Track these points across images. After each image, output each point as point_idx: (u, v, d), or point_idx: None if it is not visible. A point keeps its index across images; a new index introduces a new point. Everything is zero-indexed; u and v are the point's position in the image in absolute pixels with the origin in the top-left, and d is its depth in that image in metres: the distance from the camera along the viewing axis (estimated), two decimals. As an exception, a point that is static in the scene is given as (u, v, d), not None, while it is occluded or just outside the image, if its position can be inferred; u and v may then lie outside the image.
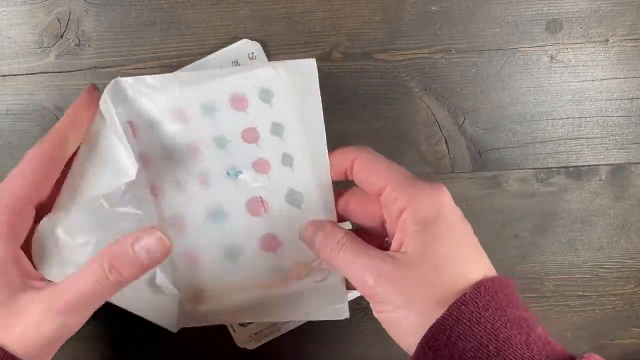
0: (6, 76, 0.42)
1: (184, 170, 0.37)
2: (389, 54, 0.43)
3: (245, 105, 0.37)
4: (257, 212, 0.38)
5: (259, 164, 0.37)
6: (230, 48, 0.42)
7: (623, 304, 0.49)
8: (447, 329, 0.28)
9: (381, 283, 0.31)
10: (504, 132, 0.45)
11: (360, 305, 0.47)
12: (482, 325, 0.28)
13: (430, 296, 0.30)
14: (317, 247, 0.35)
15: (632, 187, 0.47)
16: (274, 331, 0.46)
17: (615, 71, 0.45)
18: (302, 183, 0.37)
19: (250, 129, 0.37)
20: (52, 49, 0.42)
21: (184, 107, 0.36)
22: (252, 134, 0.37)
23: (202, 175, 0.37)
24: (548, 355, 0.28)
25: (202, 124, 0.36)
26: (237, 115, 0.37)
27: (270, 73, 0.36)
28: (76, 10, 0.41)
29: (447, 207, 0.32)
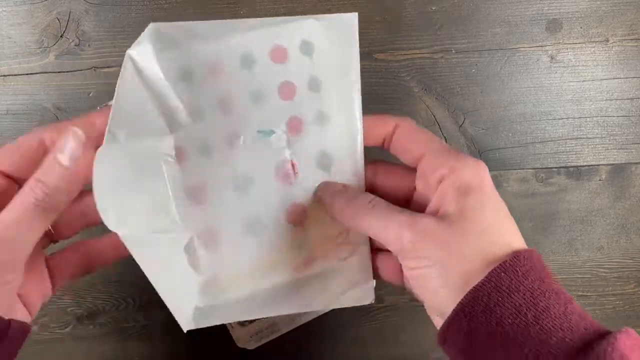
0: (6, 76, 0.42)
1: (211, 130, 0.34)
2: (389, 54, 0.43)
3: (285, 58, 0.35)
4: (286, 179, 0.35)
5: (293, 123, 0.35)
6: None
7: (623, 304, 0.49)
8: (486, 296, 0.28)
9: (421, 237, 0.30)
10: (504, 132, 0.45)
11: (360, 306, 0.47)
12: (522, 293, 0.28)
13: (471, 257, 0.29)
14: (340, 206, 0.34)
15: (632, 187, 0.47)
16: (274, 331, 0.46)
17: (615, 71, 0.45)
18: (335, 145, 0.36)
19: (288, 83, 0.35)
20: (52, 49, 0.42)
21: (221, 59, 0.34)
22: (289, 89, 0.35)
23: (231, 136, 0.35)
24: (586, 327, 0.28)
25: (239, 76, 0.34)
26: (276, 68, 0.35)
27: (312, 25, 0.35)
28: (76, 10, 0.41)
29: (487, 180, 0.32)
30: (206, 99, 0.34)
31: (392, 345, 0.48)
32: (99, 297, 0.46)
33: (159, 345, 0.47)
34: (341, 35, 0.35)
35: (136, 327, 0.47)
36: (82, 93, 0.42)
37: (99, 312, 0.46)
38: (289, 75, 0.35)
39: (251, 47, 0.34)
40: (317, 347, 0.48)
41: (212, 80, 0.34)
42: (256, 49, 0.34)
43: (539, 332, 0.27)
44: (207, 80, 0.34)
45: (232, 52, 0.34)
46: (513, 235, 0.31)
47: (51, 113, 0.42)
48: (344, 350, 0.48)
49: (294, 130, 0.35)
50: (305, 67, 0.35)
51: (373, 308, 0.47)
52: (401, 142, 0.35)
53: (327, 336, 0.48)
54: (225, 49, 0.34)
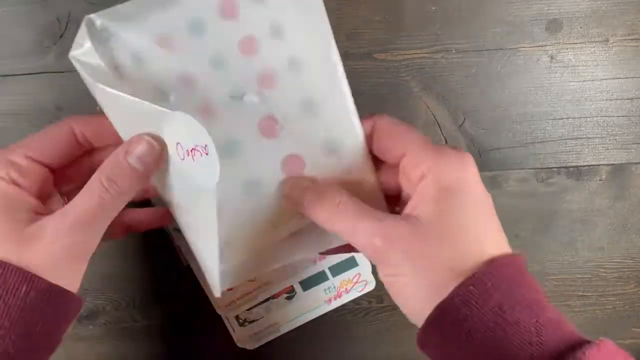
0: (6, 76, 0.42)
1: (182, 105, 0.32)
2: (389, 54, 0.43)
3: (236, 12, 0.32)
4: (271, 133, 0.33)
5: (264, 78, 0.33)
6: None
7: (623, 304, 0.49)
8: (454, 309, 0.28)
9: (391, 245, 0.29)
10: (504, 132, 0.45)
11: (361, 306, 0.47)
12: (490, 307, 0.27)
13: (442, 266, 0.28)
14: (307, 207, 0.32)
15: (632, 187, 0.47)
16: (274, 331, 0.46)
17: (615, 71, 0.45)
18: (315, 86, 0.33)
19: (247, 38, 0.32)
20: (52, 48, 0.42)
21: (169, 32, 0.32)
22: (249, 43, 0.33)
23: (203, 107, 0.32)
24: (558, 339, 0.27)
25: (191, 45, 0.32)
26: (229, 25, 0.32)
27: None
28: (76, 11, 0.41)
29: (471, 176, 0.30)
30: (166, 77, 0.32)
31: (391, 345, 0.48)
32: (99, 297, 0.46)
33: (158, 345, 0.47)
34: None
35: (136, 327, 0.47)
36: (82, 93, 0.42)
37: (99, 312, 0.46)
38: (245, 28, 0.32)
39: (195, 9, 0.32)
40: (316, 347, 0.48)
41: (165, 58, 0.32)
42: (202, 10, 0.32)
43: (507, 348, 0.27)
44: (160, 60, 0.32)
45: (178, 21, 0.32)
46: (492, 239, 0.29)
47: (51, 113, 0.42)
48: (344, 350, 0.48)
49: (267, 84, 0.33)
50: (261, 15, 0.32)
51: (373, 308, 0.47)
52: (380, 141, 0.34)
53: (327, 336, 0.48)
54: (169, 20, 0.31)
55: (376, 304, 0.47)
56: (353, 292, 0.46)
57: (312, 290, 0.46)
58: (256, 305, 0.46)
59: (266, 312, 0.46)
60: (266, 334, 0.46)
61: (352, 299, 0.46)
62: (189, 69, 0.32)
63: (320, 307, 0.46)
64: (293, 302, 0.46)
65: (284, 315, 0.46)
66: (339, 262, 0.45)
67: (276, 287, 0.45)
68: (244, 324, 0.46)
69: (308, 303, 0.46)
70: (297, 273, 0.45)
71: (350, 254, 0.45)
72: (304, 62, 0.33)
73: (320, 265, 0.45)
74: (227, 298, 0.45)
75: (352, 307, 0.47)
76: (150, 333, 0.47)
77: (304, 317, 0.46)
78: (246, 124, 0.33)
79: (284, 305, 0.46)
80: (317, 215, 0.32)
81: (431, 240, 0.29)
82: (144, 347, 0.47)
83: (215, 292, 0.34)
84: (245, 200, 0.33)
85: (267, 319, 0.46)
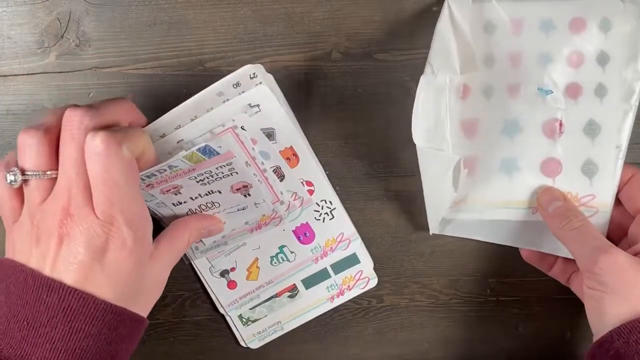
0: (7, 76, 0.42)
1: (498, 77, 0.40)
2: (389, 54, 0.43)
3: (582, 29, 0.39)
4: (551, 134, 0.40)
5: (572, 88, 0.40)
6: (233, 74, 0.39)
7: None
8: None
9: (610, 266, 0.35)
10: (504, 132, 0.45)
11: (361, 306, 0.47)
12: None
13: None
14: (550, 217, 0.39)
15: (633, 187, 0.47)
16: (277, 330, 0.46)
17: (615, 71, 0.45)
18: (605, 117, 0.40)
19: (578, 53, 0.39)
20: (53, 49, 0.42)
21: (523, 18, 0.39)
22: (578, 58, 0.39)
23: (513, 87, 0.40)
24: None
25: (535, 37, 0.39)
26: (571, 37, 0.39)
27: (617, 5, 0.39)
28: (76, 11, 0.41)
29: None
30: (500, 50, 0.39)
31: (391, 345, 0.48)
32: (100, 296, 0.46)
33: (159, 345, 0.47)
34: (639, 20, 0.39)
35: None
36: (83, 93, 0.42)
37: (100, 312, 0.46)
38: (582, 45, 0.39)
39: (553, 14, 0.39)
40: (317, 347, 0.48)
41: (510, 36, 0.39)
42: (557, 17, 0.39)
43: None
44: (505, 35, 0.39)
45: (535, 15, 0.39)
46: None
47: (51, 113, 0.42)
48: (344, 350, 0.48)
49: (572, 95, 0.40)
50: (598, 41, 0.39)
51: (373, 308, 0.47)
52: (631, 190, 0.40)
53: (327, 336, 0.48)
54: (530, 11, 0.39)
55: (376, 303, 0.47)
56: (355, 289, 0.46)
57: (315, 288, 0.46)
58: (259, 304, 0.46)
59: (269, 310, 0.46)
60: (269, 332, 0.46)
61: (354, 296, 0.46)
62: (522, 51, 0.39)
63: (322, 305, 0.46)
64: (296, 300, 0.46)
65: (287, 313, 0.46)
66: (340, 259, 0.45)
67: (278, 285, 0.45)
68: (247, 323, 0.46)
69: (311, 301, 0.46)
70: (299, 271, 0.45)
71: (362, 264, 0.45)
72: (608, 92, 0.40)
73: (322, 263, 0.45)
74: (230, 297, 0.45)
75: (352, 306, 0.47)
76: (150, 333, 0.47)
77: (307, 316, 0.46)
78: (535, 116, 0.40)
79: (286, 303, 0.46)
80: (555, 226, 0.39)
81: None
82: (143, 347, 0.47)
83: (432, 229, 0.42)
84: (498, 173, 0.41)
85: (270, 318, 0.46)
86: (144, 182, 0.37)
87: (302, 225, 0.44)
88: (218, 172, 0.38)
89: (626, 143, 0.40)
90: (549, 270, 0.44)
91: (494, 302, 0.48)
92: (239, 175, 0.39)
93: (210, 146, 0.36)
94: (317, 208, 0.44)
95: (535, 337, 0.48)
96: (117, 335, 0.33)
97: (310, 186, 0.43)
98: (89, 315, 0.31)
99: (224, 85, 0.38)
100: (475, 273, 0.47)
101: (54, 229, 0.32)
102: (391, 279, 0.47)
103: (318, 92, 0.43)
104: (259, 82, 0.38)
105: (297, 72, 0.43)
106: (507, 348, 0.49)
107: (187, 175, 0.38)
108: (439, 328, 0.48)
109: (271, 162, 0.41)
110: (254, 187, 0.40)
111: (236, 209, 0.41)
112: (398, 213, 0.46)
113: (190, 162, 0.36)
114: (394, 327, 0.48)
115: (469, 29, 0.39)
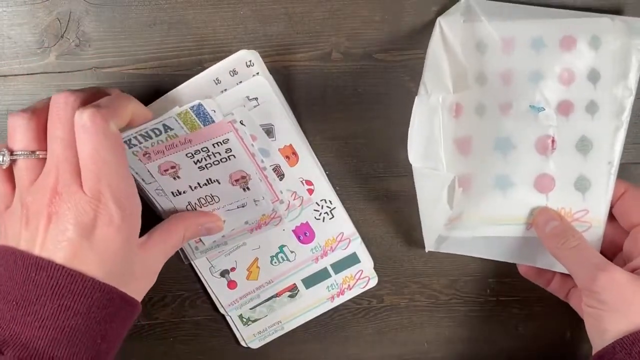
0: (6, 76, 0.42)
1: (490, 95, 0.40)
2: (389, 54, 0.43)
3: (572, 47, 0.39)
4: (543, 150, 0.40)
5: (563, 106, 0.40)
6: (229, 59, 0.40)
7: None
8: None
9: (609, 285, 0.35)
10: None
11: (361, 306, 0.47)
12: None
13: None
14: (546, 237, 0.40)
15: (632, 187, 0.47)
16: (278, 329, 0.46)
17: (615, 71, 0.45)
18: (597, 133, 0.40)
19: (568, 70, 0.40)
20: (53, 49, 0.42)
21: (514, 37, 0.39)
22: (569, 75, 0.40)
23: (505, 105, 0.40)
24: None
25: (526, 55, 0.39)
26: (562, 55, 0.39)
27: (606, 23, 0.39)
28: (76, 11, 0.41)
29: None
30: (492, 69, 0.40)
31: (391, 345, 0.48)
32: (100, 296, 0.46)
33: (158, 345, 0.47)
34: (630, 38, 0.39)
35: (136, 327, 0.47)
36: (83, 93, 0.42)
37: (100, 312, 0.46)
38: (572, 63, 0.39)
39: (543, 32, 0.39)
40: (317, 347, 0.48)
41: (501, 54, 0.40)
42: (547, 35, 0.39)
43: None
44: (497, 54, 0.40)
45: (526, 33, 0.39)
46: None
47: (51, 113, 0.42)
48: (343, 350, 0.48)
49: (563, 112, 0.40)
50: (589, 59, 0.39)
51: (373, 308, 0.47)
52: (624, 206, 0.41)
53: (327, 336, 0.48)
54: (520, 30, 0.39)
55: (376, 303, 0.47)
56: (356, 288, 0.46)
57: (315, 288, 0.46)
58: (259, 304, 0.46)
59: (269, 310, 0.46)
60: (270, 332, 0.46)
61: (355, 296, 0.46)
62: (513, 69, 0.40)
63: (323, 305, 0.46)
64: (296, 300, 0.46)
65: (287, 313, 0.46)
66: (340, 259, 0.45)
67: (279, 285, 0.45)
68: (248, 323, 0.46)
69: (311, 301, 0.46)
70: (299, 271, 0.45)
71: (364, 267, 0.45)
72: (599, 109, 0.40)
73: (322, 262, 0.45)
74: (230, 297, 0.45)
75: (352, 306, 0.47)
76: (150, 333, 0.47)
77: (308, 315, 0.46)
78: (527, 134, 0.40)
79: (287, 303, 0.46)
80: (552, 245, 0.39)
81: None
82: (143, 347, 0.47)
83: (427, 247, 0.42)
84: (493, 189, 0.41)
85: (271, 318, 0.46)
86: (140, 146, 0.37)
87: (302, 224, 0.44)
88: (215, 151, 0.38)
89: (618, 158, 0.41)
90: (547, 286, 0.44)
91: (494, 302, 0.48)
92: (237, 161, 0.38)
93: (203, 106, 0.36)
94: (317, 207, 0.44)
95: (535, 337, 0.48)
96: (107, 314, 0.32)
97: (310, 185, 0.43)
98: (78, 292, 0.31)
99: (220, 71, 0.37)
100: (475, 273, 0.47)
101: (43, 209, 0.32)
102: (391, 279, 0.47)
103: (318, 92, 0.43)
104: (255, 72, 0.39)
105: (297, 72, 0.43)
106: (507, 348, 0.49)
107: (183, 148, 0.37)
108: (439, 328, 0.48)
109: (271, 160, 0.41)
110: (253, 179, 0.39)
111: (235, 206, 0.41)
112: (398, 213, 0.46)
113: (185, 126, 0.36)
114: (394, 327, 0.48)
115: (461, 49, 0.39)
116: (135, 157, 0.38)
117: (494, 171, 0.41)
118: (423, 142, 0.39)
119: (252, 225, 0.43)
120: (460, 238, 0.42)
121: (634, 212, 0.40)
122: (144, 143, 0.37)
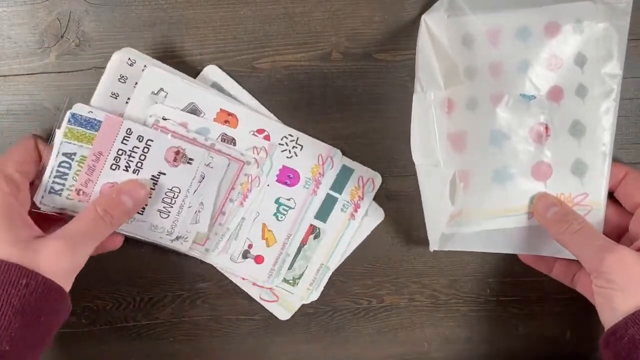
0: (7, 76, 0.42)
1: (480, 88, 0.40)
2: (389, 54, 0.43)
3: (557, 33, 0.39)
4: (538, 138, 0.40)
5: (554, 92, 0.40)
6: (108, 70, 0.40)
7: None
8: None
9: (616, 264, 0.36)
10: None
11: (360, 306, 0.47)
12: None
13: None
14: (548, 223, 0.40)
15: (632, 187, 0.47)
16: (325, 271, 0.46)
17: (615, 71, 0.45)
18: (589, 116, 0.40)
19: (555, 56, 0.40)
20: (53, 49, 0.42)
21: (499, 28, 0.39)
22: (556, 61, 0.40)
23: (496, 96, 0.40)
24: None
25: (513, 45, 0.39)
26: (548, 41, 0.39)
27: (588, 7, 0.39)
28: (76, 11, 0.41)
29: None
30: (480, 62, 0.40)
31: (391, 345, 0.48)
32: (99, 297, 0.46)
33: (158, 345, 0.47)
34: (612, 20, 0.39)
35: (136, 327, 0.47)
36: (83, 93, 0.42)
37: (99, 312, 0.46)
38: (558, 48, 0.40)
39: (527, 20, 0.39)
40: (317, 347, 0.48)
41: (488, 46, 0.40)
42: (532, 24, 0.39)
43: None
44: (484, 46, 0.40)
45: (510, 23, 0.39)
46: None
47: (51, 113, 0.42)
48: (344, 350, 0.48)
49: (554, 98, 0.40)
50: (574, 43, 0.40)
51: (373, 308, 0.47)
52: (626, 188, 0.41)
53: (327, 336, 0.48)
54: (505, 20, 0.39)
55: (376, 303, 0.47)
56: (367, 196, 0.45)
57: (331, 217, 0.45)
58: (293, 260, 0.45)
59: (306, 260, 0.45)
60: (320, 278, 0.46)
61: (370, 206, 0.45)
62: (501, 60, 0.40)
63: (350, 227, 0.45)
64: (322, 237, 0.45)
65: (324, 252, 0.45)
66: (335, 179, 0.45)
67: (299, 234, 0.45)
68: (296, 282, 0.46)
69: (336, 230, 0.45)
70: (307, 211, 0.45)
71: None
72: (589, 91, 0.40)
73: (321, 192, 0.44)
74: (264, 270, 0.45)
75: (352, 306, 0.47)
76: (150, 333, 0.47)
77: (342, 245, 0.46)
78: (521, 122, 0.40)
79: (316, 245, 0.45)
80: (555, 231, 0.39)
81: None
82: (144, 347, 0.47)
83: (432, 246, 0.41)
84: (491, 183, 0.41)
85: (312, 265, 0.46)
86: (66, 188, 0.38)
87: (281, 170, 0.44)
88: (131, 146, 0.38)
89: (612, 139, 0.41)
90: (550, 272, 0.44)
91: (494, 302, 0.48)
92: (159, 143, 0.38)
93: (78, 114, 0.36)
94: (283, 147, 0.43)
95: (535, 337, 0.48)
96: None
97: (263, 133, 0.43)
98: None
99: (109, 85, 0.38)
100: (475, 273, 0.47)
101: None
102: (391, 279, 0.47)
103: (318, 92, 0.43)
104: (142, 66, 0.39)
105: (297, 72, 0.43)
106: (507, 348, 0.49)
107: (102, 163, 0.38)
108: (439, 328, 0.48)
109: (213, 133, 0.41)
110: (187, 148, 0.39)
111: (197, 182, 0.40)
112: (398, 213, 0.46)
113: (81, 142, 0.36)
114: (394, 327, 0.48)
115: (448, 43, 0.39)
116: (72, 200, 0.39)
117: (490, 164, 0.41)
118: (423, 139, 0.39)
119: (239, 199, 0.43)
120: (464, 234, 0.42)
121: (636, 193, 0.41)
122: (66, 183, 0.38)
